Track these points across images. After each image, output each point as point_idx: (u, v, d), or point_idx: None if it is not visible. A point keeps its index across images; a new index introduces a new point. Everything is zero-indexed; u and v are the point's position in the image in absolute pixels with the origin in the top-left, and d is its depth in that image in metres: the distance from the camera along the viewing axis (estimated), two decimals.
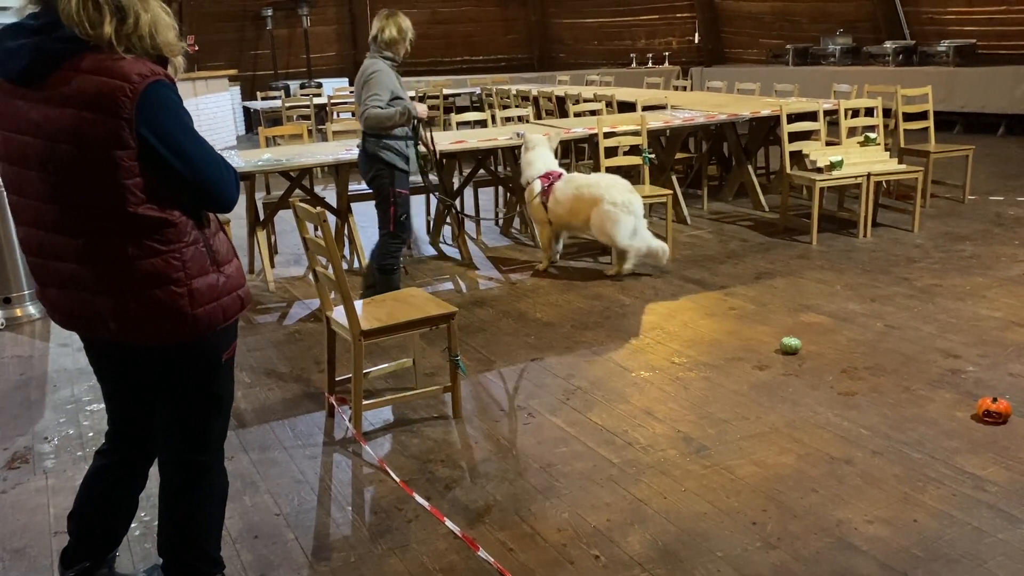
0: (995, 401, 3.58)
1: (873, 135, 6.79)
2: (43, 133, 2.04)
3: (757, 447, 3.45)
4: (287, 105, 10.55)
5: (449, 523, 2.98)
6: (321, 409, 3.99)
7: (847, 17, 14.01)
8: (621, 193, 5.63)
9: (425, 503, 3.12)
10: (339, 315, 3.67)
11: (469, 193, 7.38)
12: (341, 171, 6.16)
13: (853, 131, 7.09)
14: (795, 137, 6.93)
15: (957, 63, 11.96)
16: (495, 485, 3.26)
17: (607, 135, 6.50)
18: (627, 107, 8.48)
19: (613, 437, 3.59)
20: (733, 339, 4.62)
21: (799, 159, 6.69)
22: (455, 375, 3.79)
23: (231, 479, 2.69)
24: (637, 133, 6.50)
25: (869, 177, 6.36)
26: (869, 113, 7.41)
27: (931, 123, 7.65)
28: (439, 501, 3.16)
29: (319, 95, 12.45)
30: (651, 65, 16.02)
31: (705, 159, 8.26)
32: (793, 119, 6.96)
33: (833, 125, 7.15)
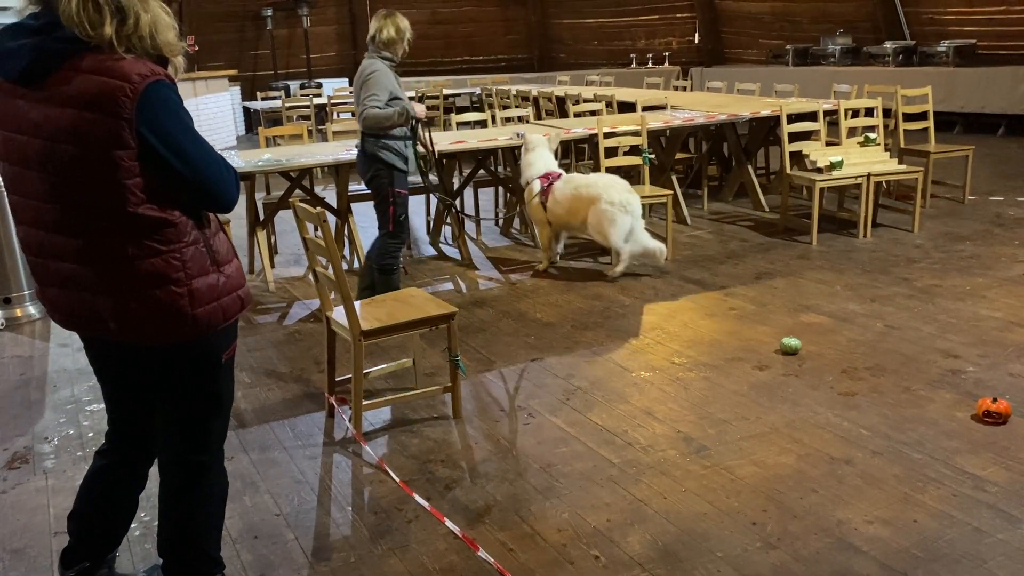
0: (995, 401, 3.58)
1: (873, 135, 6.79)
2: (43, 133, 2.04)
3: (757, 447, 3.45)
4: (287, 105, 10.56)
5: (449, 523, 2.99)
6: (321, 409, 3.99)
7: (847, 17, 14.02)
8: (619, 193, 5.63)
9: (425, 503, 3.13)
10: (339, 315, 3.67)
11: (469, 193, 7.39)
12: (341, 171, 6.16)
13: (853, 131, 7.09)
14: (795, 137, 6.93)
15: (957, 63, 11.97)
16: (495, 485, 3.26)
17: (607, 135, 6.51)
18: (627, 107, 8.48)
19: (613, 437, 3.59)
20: (733, 339, 4.62)
21: (799, 159, 6.69)
22: (455, 375, 3.79)
23: (231, 479, 2.69)
24: (637, 133, 6.50)
25: (869, 177, 6.36)
26: (869, 113, 7.41)
27: (931, 123, 7.65)
28: (439, 501, 3.16)
29: (319, 95, 12.45)
30: (651, 65, 16.02)
31: (705, 159, 8.26)
32: (793, 119, 6.96)
33: (833, 125, 7.15)
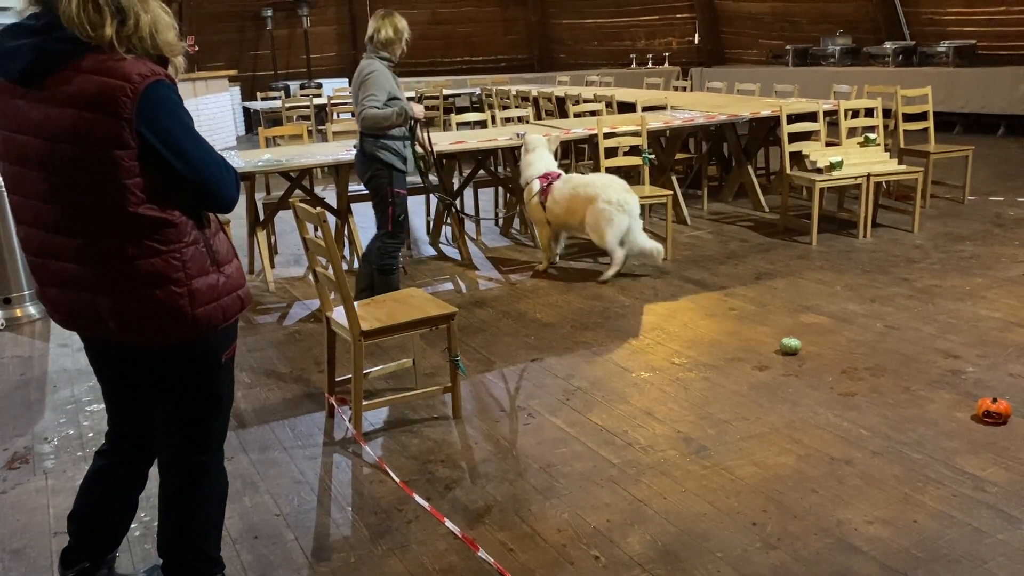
0: (995, 402, 3.58)
1: (873, 136, 6.79)
2: (43, 133, 2.04)
3: (757, 447, 3.45)
4: (287, 105, 10.56)
5: (449, 523, 2.99)
6: (321, 409, 3.99)
7: (847, 18, 14.02)
8: (616, 192, 5.63)
9: (425, 503, 3.13)
10: (339, 315, 3.67)
11: (469, 193, 7.39)
12: (341, 172, 6.16)
13: (853, 132, 7.09)
14: (795, 138, 6.93)
15: (957, 64, 11.97)
16: (495, 485, 3.26)
17: (607, 136, 6.51)
18: (627, 108, 8.48)
19: (613, 437, 3.59)
20: (733, 340, 4.62)
21: (799, 160, 6.69)
22: (455, 375, 3.79)
23: (231, 479, 2.69)
24: (637, 134, 6.50)
25: (869, 178, 6.36)
26: (869, 114, 7.41)
27: (931, 124, 7.65)
28: (439, 501, 3.16)
29: (319, 95, 12.46)
30: (651, 66, 16.02)
31: (705, 160, 8.27)
32: (793, 120, 6.97)
33: (833, 126, 7.15)
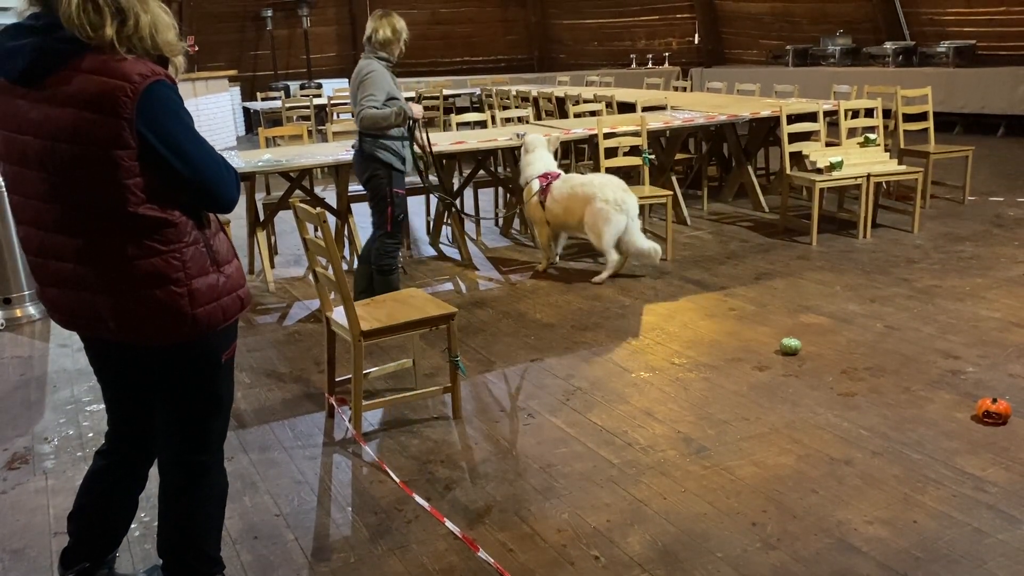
0: (995, 402, 3.58)
1: (873, 136, 6.79)
2: (43, 133, 2.04)
3: (757, 448, 3.45)
4: (287, 106, 10.56)
5: (449, 524, 2.99)
6: (321, 410, 3.99)
7: (847, 18, 14.02)
8: (614, 191, 5.63)
9: (425, 504, 3.13)
10: (339, 316, 3.67)
11: (469, 194, 7.39)
12: (341, 172, 6.16)
13: (853, 132, 7.09)
14: (795, 138, 6.93)
15: (957, 64, 11.98)
16: (495, 486, 3.26)
17: (607, 136, 6.51)
18: (627, 108, 8.48)
19: (613, 438, 3.59)
20: (733, 340, 4.62)
21: (799, 160, 6.69)
22: (455, 376, 3.79)
23: (231, 479, 2.69)
24: (637, 134, 6.50)
25: (869, 178, 6.36)
26: (869, 114, 7.41)
27: (931, 124, 7.65)
28: (439, 502, 3.16)
29: (319, 96, 12.45)
30: (651, 66, 16.03)
31: (705, 160, 8.27)
32: (793, 120, 6.97)
33: (833, 126, 7.16)
